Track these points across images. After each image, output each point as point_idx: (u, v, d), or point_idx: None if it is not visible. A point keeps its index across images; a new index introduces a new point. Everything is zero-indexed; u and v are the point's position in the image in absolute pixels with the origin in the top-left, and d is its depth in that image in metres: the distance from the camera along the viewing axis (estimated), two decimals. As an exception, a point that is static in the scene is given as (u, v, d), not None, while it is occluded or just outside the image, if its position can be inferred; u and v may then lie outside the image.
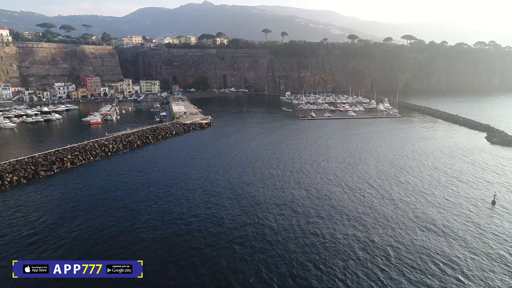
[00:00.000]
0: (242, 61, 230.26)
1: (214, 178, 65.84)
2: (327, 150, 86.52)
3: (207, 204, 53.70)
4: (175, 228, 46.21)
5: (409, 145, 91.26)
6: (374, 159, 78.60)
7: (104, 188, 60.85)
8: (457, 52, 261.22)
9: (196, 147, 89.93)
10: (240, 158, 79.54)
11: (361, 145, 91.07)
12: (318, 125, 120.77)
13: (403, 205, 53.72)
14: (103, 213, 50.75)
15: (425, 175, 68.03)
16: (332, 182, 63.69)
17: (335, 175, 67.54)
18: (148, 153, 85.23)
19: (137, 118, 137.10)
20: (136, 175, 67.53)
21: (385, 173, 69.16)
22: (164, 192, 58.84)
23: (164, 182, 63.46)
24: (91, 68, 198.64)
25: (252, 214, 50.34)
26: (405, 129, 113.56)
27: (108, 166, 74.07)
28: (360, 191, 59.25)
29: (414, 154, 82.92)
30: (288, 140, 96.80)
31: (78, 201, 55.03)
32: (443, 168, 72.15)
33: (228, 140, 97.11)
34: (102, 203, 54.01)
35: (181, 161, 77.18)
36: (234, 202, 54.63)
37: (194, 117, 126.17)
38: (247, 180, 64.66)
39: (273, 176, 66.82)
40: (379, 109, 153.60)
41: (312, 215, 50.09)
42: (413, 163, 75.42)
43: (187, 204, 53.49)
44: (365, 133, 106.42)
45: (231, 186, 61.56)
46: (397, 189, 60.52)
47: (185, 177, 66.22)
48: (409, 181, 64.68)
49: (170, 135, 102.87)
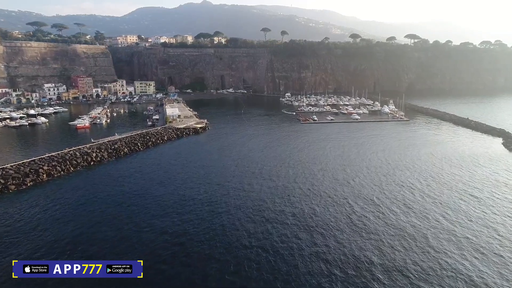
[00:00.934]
0: (241, 61, 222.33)
1: (201, 198, 58.20)
2: (333, 162, 79.02)
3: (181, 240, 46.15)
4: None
5: (421, 152, 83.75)
6: (384, 171, 71.11)
7: (77, 206, 53.22)
8: (461, 51, 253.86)
9: (187, 155, 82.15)
10: (235, 172, 71.79)
11: (369, 154, 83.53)
12: (320, 130, 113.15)
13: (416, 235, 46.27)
14: (70, 240, 43.15)
15: (442, 190, 60.54)
16: (340, 206, 56.22)
17: (343, 198, 60.05)
18: (134, 162, 77.55)
19: (129, 122, 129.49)
20: (116, 190, 59.87)
21: (400, 191, 61.66)
22: (142, 213, 51.31)
23: (143, 200, 55.90)
24: (83, 68, 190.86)
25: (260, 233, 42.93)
26: (413, 134, 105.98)
27: (87, 178, 66.41)
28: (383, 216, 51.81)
29: (427, 163, 75.40)
30: (290, 149, 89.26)
31: (43, 222, 47.47)
32: (462, 182, 64.65)
33: (223, 148, 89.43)
34: (71, 226, 46.45)
35: (168, 173, 69.51)
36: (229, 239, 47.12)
37: (189, 120, 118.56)
38: (243, 203, 57.11)
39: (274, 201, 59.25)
40: (384, 111, 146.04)
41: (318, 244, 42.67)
42: (427, 174, 67.93)
43: (170, 226, 46.00)
44: (371, 139, 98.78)
45: (223, 210, 54.01)
46: (416, 206, 53.13)
47: (169, 194, 58.62)
48: (424, 201, 57.23)
49: (161, 141, 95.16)
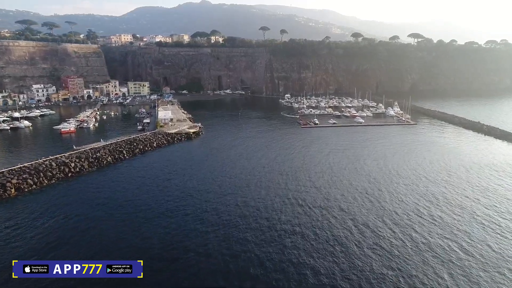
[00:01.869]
0: (239, 61, 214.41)
1: (187, 217, 50.69)
2: (335, 174, 71.45)
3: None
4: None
5: (432, 160, 76.29)
6: (395, 185, 63.57)
7: (42, 230, 45.68)
8: (465, 51, 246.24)
9: (175, 166, 74.44)
10: (228, 185, 64.24)
11: (375, 162, 76.04)
12: (322, 134, 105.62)
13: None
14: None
15: (458, 207, 53.06)
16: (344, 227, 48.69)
17: (348, 214, 52.52)
18: (117, 173, 69.94)
19: (119, 125, 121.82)
20: (85, 210, 52.22)
21: (415, 209, 54.13)
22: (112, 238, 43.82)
23: (110, 222, 48.37)
24: (74, 68, 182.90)
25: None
26: (423, 140, 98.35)
27: (61, 193, 58.79)
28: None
29: (442, 174, 67.91)
30: (288, 157, 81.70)
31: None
32: (482, 197, 57.16)
33: (216, 155, 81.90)
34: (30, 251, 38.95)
35: (152, 186, 61.91)
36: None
37: (182, 124, 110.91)
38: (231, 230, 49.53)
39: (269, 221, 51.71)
40: (389, 114, 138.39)
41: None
42: (444, 188, 60.44)
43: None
44: (378, 146, 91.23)
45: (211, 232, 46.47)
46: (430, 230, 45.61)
47: (151, 213, 51.08)
48: (438, 216, 49.69)
49: (150, 148, 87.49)
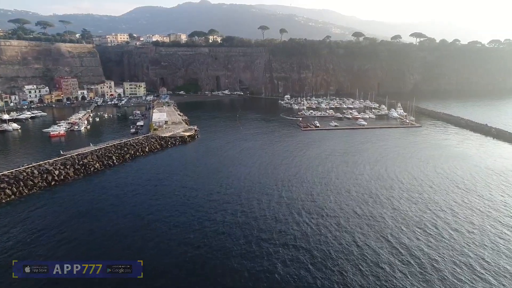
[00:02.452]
0: (237, 60, 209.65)
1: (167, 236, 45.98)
2: (334, 183, 66.78)
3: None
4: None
5: (439, 166, 71.62)
6: (399, 197, 58.88)
7: (6, 246, 40.95)
8: (468, 51, 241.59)
9: (167, 172, 69.76)
10: (220, 196, 59.57)
11: (378, 169, 71.36)
12: (323, 138, 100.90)
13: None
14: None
15: (474, 223, 48.39)
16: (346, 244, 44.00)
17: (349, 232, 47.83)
18: (104, 181, 65.22)
19: (111, 128, 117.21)
20: (61, 223, 47.53)
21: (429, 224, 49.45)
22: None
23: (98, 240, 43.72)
24: (68, 68, 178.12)
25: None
26: (428, 144, 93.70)
27: (40, 204, 54.01)
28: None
29: (449, 182, 63.22)
30: (286, 164, 77.04)
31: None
32: (497, 209, 52.50)
33: (210, 161, 77.18)
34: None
35: (139, 195, 57.19)
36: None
37: (177, 127, 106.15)
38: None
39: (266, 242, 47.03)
40: (392, 115, 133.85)
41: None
42: (451, 200, 55.77)
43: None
44: (383, 150, 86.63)
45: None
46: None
47: (133, 231, 46.37)
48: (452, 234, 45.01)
49: (141, 153, 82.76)
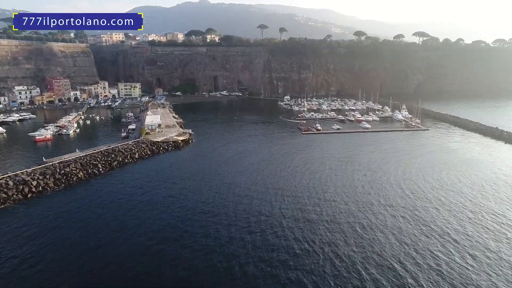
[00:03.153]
0: (235, 60, 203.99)
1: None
2: (339, 193, 61.03)
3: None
4: None
5: (451, 174, 65.90)
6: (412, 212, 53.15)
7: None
8: (472, 50, 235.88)
9: (155, 182, 63.96)
10: (212, 210, 53.86)
11: (384, 179, 65.62)
12: (325, 142, 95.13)
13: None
14: None
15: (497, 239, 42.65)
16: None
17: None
18: (86, 192, 59.36)
19: (101, 132, 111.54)
20: (30, 245, 41.75)
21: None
22: None
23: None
24: (60, 68, 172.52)
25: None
26: (437, 149, 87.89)
27: (11, 220, 48.22)
28: None
29: (462, 195, 57.50)
30: (286, 173, 71.33)
31: None
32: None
33: (203, 170, 71.36)
34: None
35: (122, 210, 51.42)
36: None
37: (170, 131, 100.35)
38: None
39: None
40: (397, 118, 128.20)
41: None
42: (466, 217, 50.05)
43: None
44: (386, 155, 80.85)
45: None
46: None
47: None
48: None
49: (130, 160, 76.91)
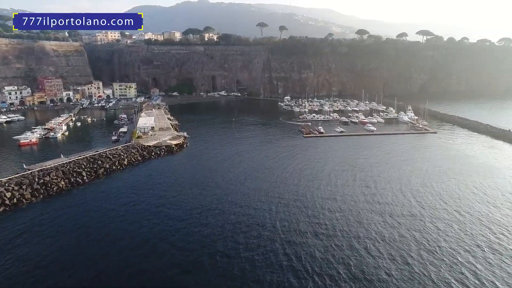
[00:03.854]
0: (234, 60, 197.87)
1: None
2: (346, 206, 55.20)
3: None
4: None
5: (467, 184, 60.06)
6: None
7: None
8: (478, 50, 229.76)
9: (143, 192, 58.22)
10: (201, 229, 48.03)
11: (392, 189, 59.78)
12: (328, 146, 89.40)
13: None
14: None
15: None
16: None
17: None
18: (67, 203, 53.67)
19: (91, 135, 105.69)
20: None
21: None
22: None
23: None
24: (53, 68, 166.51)
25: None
26: (448, 154, 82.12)
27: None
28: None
29: (481, 209, 51.70)
30: (285, 180, 65.51)
31: None
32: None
33: (197, 178, 65.56)
34: None
35: (99, 229, 45.58)
36: None
37: (164, 134, 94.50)
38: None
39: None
40: (403, 120, 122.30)
41: None
42: (489, 232, 44.26)
43: None
44: (394, 161, 75.10)
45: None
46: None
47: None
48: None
49: (118, 167, 71.05)
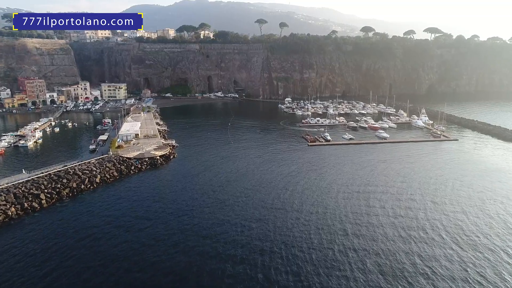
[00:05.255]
0: (232, 59, 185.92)
1: None
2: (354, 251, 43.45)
3: None
4: None
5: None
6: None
7: None
8: (488, 48, 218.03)
9: (112, 220, 46.49)
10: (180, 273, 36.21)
11: (419, 217, 48.13)
12: (337, 157, 77.63)
13: None
14: None
15: None
16: None
17: None
18: (12, 239, 41.74)
19: (69, 143, 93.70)
20: None
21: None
22: None
23: None
24: (35, 67, 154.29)
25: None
26: (477, 167, 70.48)
27: None
28: None
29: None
30: (286, 204, 53.74)
31: None
32: None
33: (181, 201, 53.81)
34: None
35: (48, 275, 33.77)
36: None
37: (149, 143, 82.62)
38: None
39: None
40: (417, 124, 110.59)
41: None
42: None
43: None
44: (422, 179, 63.36)
45: None
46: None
47: None
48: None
49: (89, 186, 59.16)
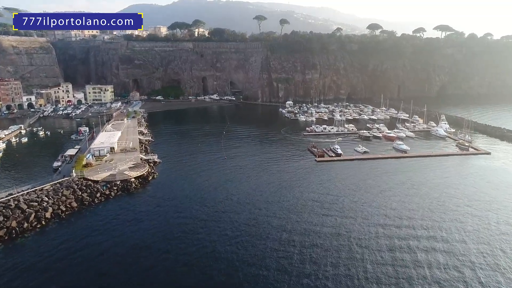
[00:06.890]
0: (228, 58, 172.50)
1: None
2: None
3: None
4: None
5: None
6: None
7: None
8: (502, 47, 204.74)
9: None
10: None
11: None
12: (351, 179, 63.96)
13: None
14: None
15: None
16: None
17: None
18: None
19: (32, 158, 79.70)
20: None
21: None
22: None
23: None
24: (12, 68, 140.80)
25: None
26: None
27: None
28: None
29: None
30: (289, 255, 40.07)
31: None
32: None
33: (153, 247, 40.02)
34: None
35: None
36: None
37: (125, 159, 68.81)
38: None
39: None
40: (439, 134, 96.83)
41: None
42: None
43: None
44: (456, 212, 49.89)
45: None
46: None
47: None
48: None
49: (35, 224, 45.39)
